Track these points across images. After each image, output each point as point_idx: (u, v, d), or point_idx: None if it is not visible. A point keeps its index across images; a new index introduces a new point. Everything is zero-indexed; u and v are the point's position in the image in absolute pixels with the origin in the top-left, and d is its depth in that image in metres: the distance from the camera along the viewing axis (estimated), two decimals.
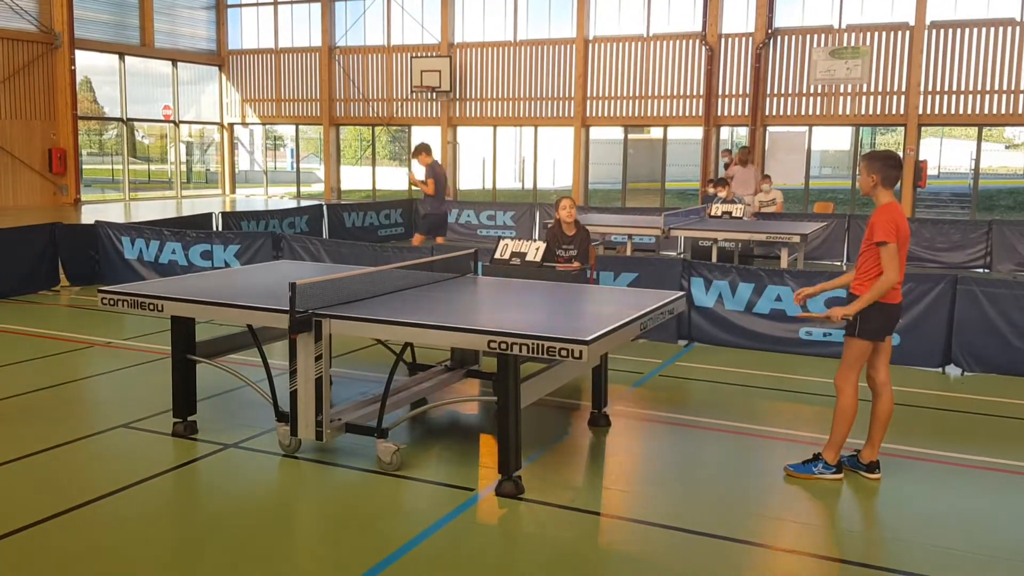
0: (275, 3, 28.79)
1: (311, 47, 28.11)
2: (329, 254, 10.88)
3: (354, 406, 5.89)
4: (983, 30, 20.36)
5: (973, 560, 4.42)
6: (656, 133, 25.10)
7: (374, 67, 27.23)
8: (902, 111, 21.14)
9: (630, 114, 23.93)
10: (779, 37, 22.10)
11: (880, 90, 21.30)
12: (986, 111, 20.52)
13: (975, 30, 20.42)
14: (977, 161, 22.41)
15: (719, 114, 22.82)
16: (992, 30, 20.28)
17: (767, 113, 22.37)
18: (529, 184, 26.49)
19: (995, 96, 20.40)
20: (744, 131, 23.25)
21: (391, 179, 29.76)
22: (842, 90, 21.61)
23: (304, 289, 5.29)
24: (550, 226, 8.96)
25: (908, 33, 20.91)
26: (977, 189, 22.82)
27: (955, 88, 20.72)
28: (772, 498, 5.23)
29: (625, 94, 23.88)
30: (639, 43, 23.64)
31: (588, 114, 24.33)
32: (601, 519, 4.93)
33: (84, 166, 28.32)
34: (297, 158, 31.72)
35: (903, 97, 21.08)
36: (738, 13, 22.66)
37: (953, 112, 20.87)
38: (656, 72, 23.49)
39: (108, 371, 7.80)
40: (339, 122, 28.29)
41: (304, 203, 22.97)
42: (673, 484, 5.40)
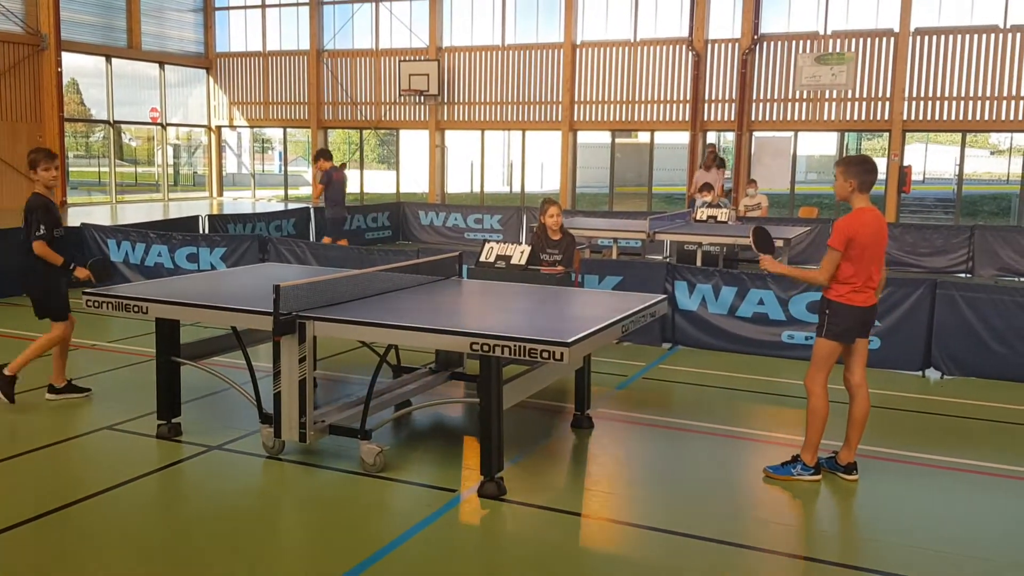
0: (263, 6, 28.76)
1: (299, 50, 28.09)
2: (316, 257, 10.90)
3: (338, 408, 5.92)
4: (967, 37, 20.54)
5: (949, 560, 4.48)
6: (643, 137, 25.21)
7: (362, 70, 27.25)
8: (887, 117, 21.29)
9: (617, 118, 24.02)
10: (765, 43, 22.23)
11: (865, 96, 21.45)
12: (970, 117, 20.69)
13: (959, 37, 20.59)
14: (961, 167, 22.58)
15: (706, 119, 22.92)
16: (976, 37, 20.45)
17: (753, 118, 22.49)
18: (517, 188, 26.54)
19: (979, 102, 20.57)
20: (731, 136, 23.37)
21: (379, 182, 29.78)
22: (827, 96, 21.76)
23: (288, 291, 5.32)
24: (535, 230, 8.99)
25: (893, 40, 21.07)
26: (961, 194, 22.98)
27: (939, 94, 20.88)
28: (753, 500, 5.29)
29: (612, 99, 23.97)
30: (626, 48, 23.74)
31: (576, 118, 24.41)
32: (583, 520, 4.97)
33: (70, 168, 28.25)
34: (285, 161, 31.68)
35: (888, 103, 21.23)
36: (724, 19, 22.79)
37: (937, 118, 21.03)
38: (643, 77, 23.59)
39: (93, 373, 7.79)
40: (327, 125, 28.28)
41: (291, 206, 22.95)
42: (655, 486, 5.45)
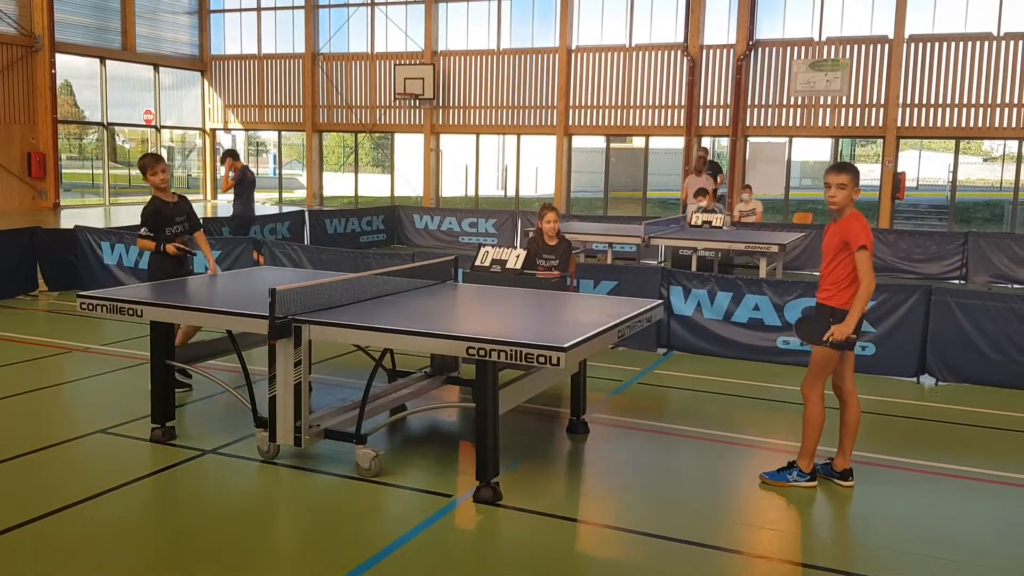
0: (258, 9, 28.75)
1: (294, 53, 28.09)
2: (311, 260, 10.88)
3: (333, 412, 5.90)
4: (961, 44, 20.62)
5: (943, 565, 4.49)
6: (638, 142, 25.24)
7: (357, 74, 27.25)
8: (881, 123, 21.36)
9: (612, 123, 24.06)
10: (760, 49, 22.29)
11: (859, 102, 21.52)
12: (963, 124, 20.77)
13: (953, 44, 20.68)
14: (954, 173, 22.67)
15: (700, 124, 22.97)
16: (970, 44, 20.54)
17: (748, 124, 22.54)
18: (511, 192, 26.55)
19: (972, 109, 20.66)
20: (725, 141, 23.42)
21: (374, 186, 29.76)
22: (822, 102, 21.83)
23: (284, 295, 5.31)
24: (531, 235, 8.99)
25: (887, 46, 21.14)
26: (954, 201, 23.07)
27: (933, 101, 20.96)
28: (748, 505, 5.28)
29: (607, 104, 24.00)
30: (621, 53, 23.78)
31: (570, 123, 24.43)
32: (578, 526, 4.96)
33: (64, 170, 28.16)
34: (280, 164, 31.64)
35: (882, 109, 21.31)
36: (719, 25, 22.86)
37: (931, 125, 21.11)
38: (638, 82, 23.63)
39: (86, 376, 7.77)
40: (322, 129, 28.27)
41: (286, 209, 22.92)
42: (650, 491, 5.45)
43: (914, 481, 5.70)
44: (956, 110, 20.79)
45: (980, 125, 20.66)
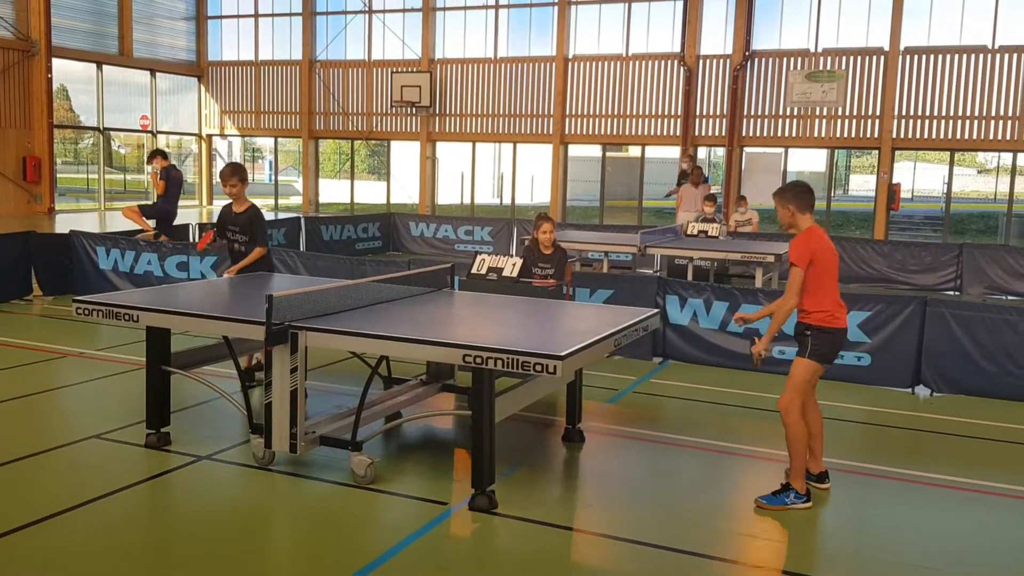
0: (256, 15, 28.77)
1: (291, 60, 28.10)
2: (307, 267, 10.87)
3: (329, 419, 5.89)
4: (956, 57, 20.71)
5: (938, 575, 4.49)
6: (634, 152, 25.29)
7: (354, 81, 27.26)
8: (876, 134, 21.43)
9: (608, 132, 24.10)
10: (756, 59, 22.36)
11: (855, 114, 21.58)
12: (958, 136, 20.84)
13: (948, 56, 20.77)
14: (949, 185, 22.74)
15: (696, 134, 23.02)
16: (965, 57, 20.63)
17: (744, 134, 22.60)
18: (507, 200, 26.56)
19: (967, 121, 20.73)
20: (721, 151, 23.47)
21: (370, 193, 29.76)
22: (818, 113, 21.89)
23: (281, 301, 5.30)
24: (527, 244, 9.00)
25: (883, 58, 21.23)
26: (949, 213, 23.13)
27: (928, 113, 21.04)
28: (744, 515, 5.28)
29: (604, 113, 24.05)
30: (618, 62, 23.84)
31: (567, 132, 24.47)
32: (574, 534, 4.96)
33: (59, 175, 28.06)
34: (275, 170, 31.62)
35: (877, 121, 21.37)
36: (716, 35, 22.92)
37: (926, 136, 21.18)
38: (635, 92, 23.68)
39: (81, 381, 7.74)
40: (318, 135, 28.27)
41: (282, 215, 22.91)
42: (646, 500, 5.44)
43: (909, 492, 5.71)
44: (951, 122, 20.87)
45: (975, 137, 20.73)
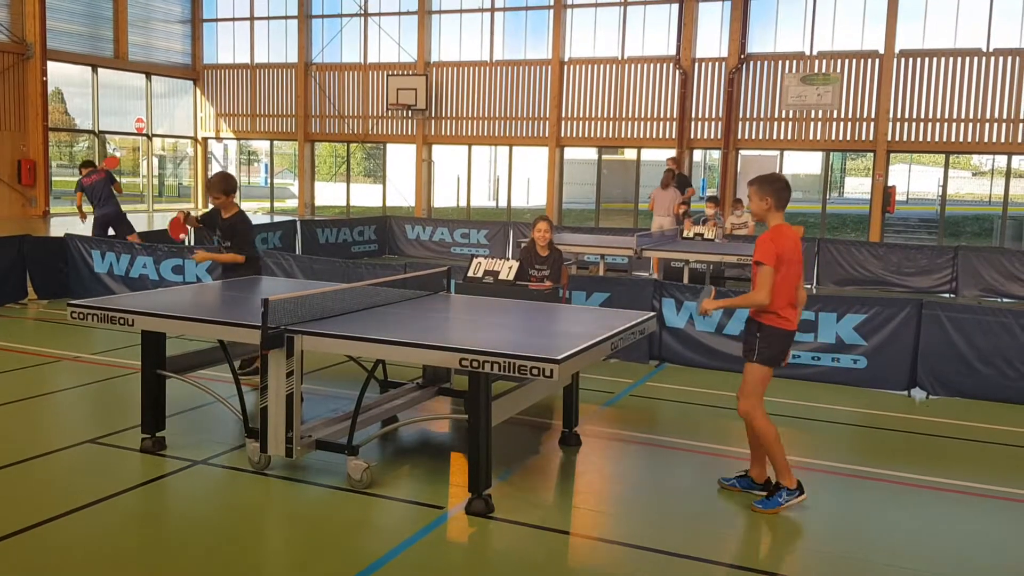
0: (251, 18, 28.75)
1: (287, 63, 28.08)
2: (302, 270, 10.85)
3: (325, 423, 5.87)
4: (950, 59, 20.76)
5: None
6: (630, 154, 25.30)
7: (350, 84, 27.25)
8: (871, 137, 21.47)
9: (604, 135, 24.12)
10: (752, 62, 22.40)
11: (850, 116, 21.62)
12: (953, 138, 20.89)
13: (943, 59, 20.82)
14: (944, 187, 22.79)
15: (692, 137, 23.05)
16: (959, 60, 20.68)
17: (739, 137, 22.62)
18: (503, 203, 26.56)
19: (962, 124, 20.78)
20: (717, 154, 23.49)
21: (366, 196, 29.74)
22: (813, 115, 21.93)
23: (277, 305, 5.29)
24: (524, 246, 8.99)
25: (878, 61, 21.27)
26: (944, 215, 23.19)
27: (923, 116, 21.08)
28: (740, 518, 5.27)
29: (599, 115, 24.07)
30: (614, 65, 23.86)
31: (563, 134, 24.48)
32: (571, 538, 4.95)
33: (54, 178, 28.01)
34: (271, 173, 31.59)
35: (872, 123, 21.41)
36: (711, 38, 22.95)
37: (921, 139, 21.22)
38: (630, 94, 23.70)
39: (76, 386, 7.72)
40: (314, 138, 28.25)
41: (278, 219, 22.88)
42: (643, 504, 5.43)
43: (905, 494, 5.71)
44: (946, 125, 20.92)
45: (969, 140, 20.78)
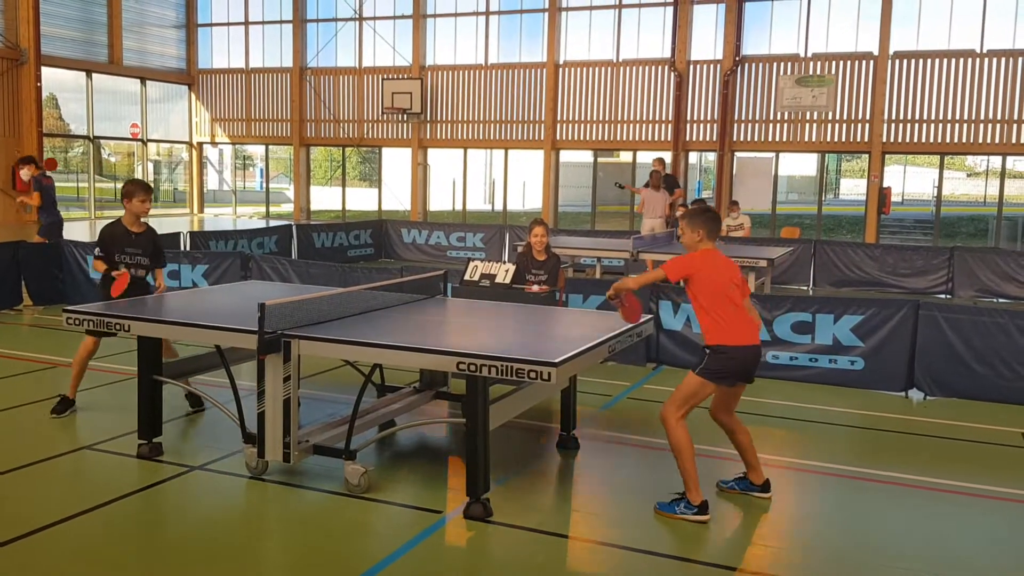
0: (246, 23, 28.73)
1: (282, 67, 28.07)
2: (298, 274, 10.84)
3: (322, 428, 5.86)
4: (945, 61, 20.80)
5: None
6: (625, 157, 25.31)
7: (345, 88, 27.25)
8: (866, 138, 21.50)
9: (600, 138, 24.13)
10: (746, 64, 22.43)
11: (845, 118, 21.66)
12: (947, 140, 20.93)
13: (937, 61, 20.86)
14: (939, 188, 22.83)
15: (687, 139, 23.07)
16: (953, 61, 20.72)
17: (735, 139, 22.64)
18: (499, 206, 26.56)
19: (956, 125, 20.82)
20: (712, 156, 23.51)
21: (361, 200, 29.72)
22: (808, 117, 21.96)
23: (273, 310, 5.28)
24: (521, 250, 8.99)
25: (872, 63, 21.31)
26: (939, 216, 23.23)
27: (918, 117, 21.12)
28: (739, 520, 5.27)
29: (595, 118, 24.08)
30: (609, 68, 23.88)
31: (558, 137, 24.49)
32: (569, 542, 4.93)
33: None
34: (267, 178, 31.57)
35: (867, 125, 21.45)
36: (706, 40, 22.98)
37: (916, 140, 21.26)
38: (625, 97, 23.72)
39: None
40: (309, 142, 28.24)
41: (273, 223, 22.86)
42: (641, 507, 5.41)
43: (903, 495, 5.70)
44: (940, 126, 20.96)
45: (964, 141, 20.82)
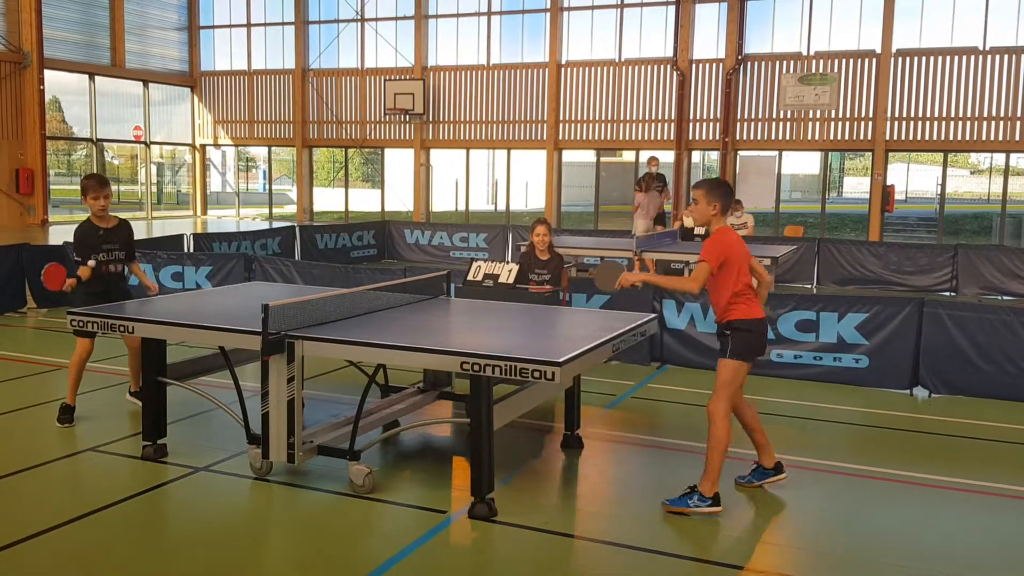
0: (248, 25, 28.77)
1: (284, 69, 28.10)
2: (302, 275, 10.85)
3: (326, 428, 5.86)
4: (947, 58, 20.77)
5: None
6: (628, 156, 25.30)
7: (347, 89, 27.27)
8: (870, 136, 21.47)
9: (602, 137, 24.12)
10: (749, 63, 22.41)
11: (848, 116, 21.63)
12: (951, 137, 20.90)
13: (940, 58, 20.83)
14: (943, 186, 22.79)
15: (690, 138, 23.05)
16: (956, 58, 20.69)
17: (738, 138, 22.63)
18: (502, 206, 26.56)
19: (960, 123, 20.79)
20: (715, 155, 23.49)
21: (364, 201, 29.74)
22: (811, 116, 21.94)
23: (277, 311, 5.27)
24: (524, 250, 8.98)
25: (875, 60, 21.28)
26: (943, 214, 23.18)
27: (921, 115, 21.09)
28: (745, 519, 5.25)
29: (597, 118, 24.08)
30: (611, 68, 23.87)
31: (561, 137, 24.49)
32: (574, 541, 4.92)
33: (53, 186, 28.03)
34: (269, 180, 31.58)
35: (870, 123, 21.42)
36: (709, 39, 22.97)
37: (919, 138, 21.24)
38: (628, 96, 23.71)
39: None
40: (312, 144, 28.26)
41: (277, 225, 22.88)
42: (646, 506, 5.40)
43: (909, 493, 5.69)
44: (944, 123, 20.92)
45: (967, 138, 20.79)
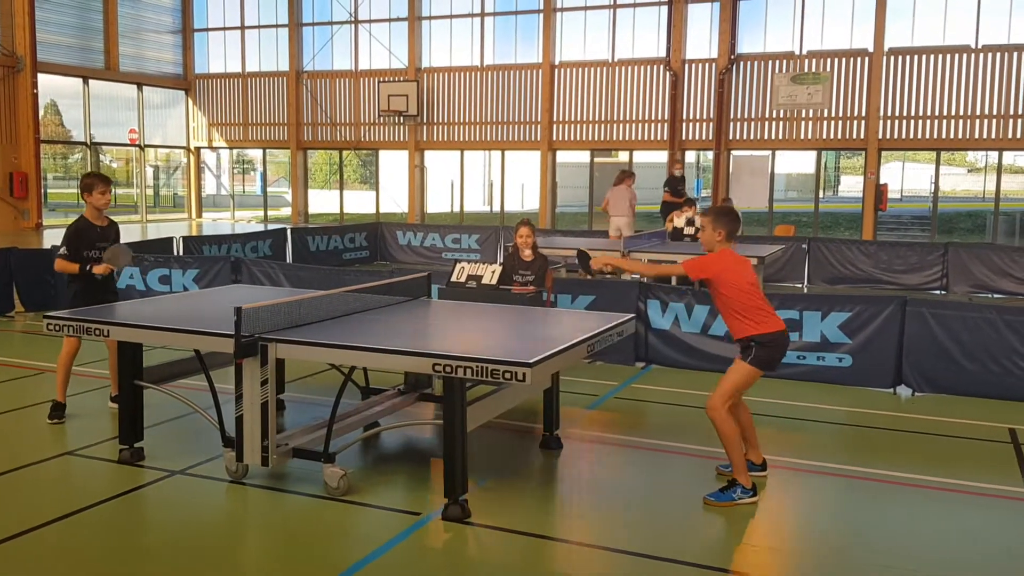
0: (242, 27, 28.78)
1: (279, 71, 28.11)
2: (288, 278, 10.83)
3: (302, 431, 5.85)
4: (940, 57, 20.77)
5: None
6: (622, 156, 25.29)
7: (342, 91, 27.27)
8: (863, 135, 21.47)
9: (596, 138, 24.13)
10: (741, 63, 22.41)
11: (841, 115, 21.63)
12: (944, 136, 20.90)
13: (932, 57, 20.83)
14: (936, 184, 22.79)
15: (684, 138, 23.05)
16: (948, 57, 20.69)
17: (731, 137, 22.63)
18: (497, 207, 26.56)
19: (953, 121, 20.79)
20: (709, 154, 23.49)
21: (360, 203, 29.74)
22: (804, 115, 21.93)
23: (251, 313, 5.26)
24: (509, 251, 8.97)
25: (867, 59, 21.28)
26: (936, 212, 23.17)
27: (914, 113, 21.09)
28: (727, 520, 5.24)
29: (591, 118, 24.08)
30: (604, 68, 23.87)
31: (555, 138, 24.49)
32: (548, 543, 4.91)
33: (49, 190, 28.05)
34: (265, 182, 31.59)
35: (863, 122, 21.42)
36: (701, 39, 22.97)
37: (912, 136, 21.24)
38: (621, 97, 23.71)
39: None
40: (307, 146, 28.26)
41: (270, 227, 22.88)
42: (626, 508, 5.39)
43: (892, 492, 5.67)
44: (937, 122, 20.92)
45: (961, 136, 20.79)
